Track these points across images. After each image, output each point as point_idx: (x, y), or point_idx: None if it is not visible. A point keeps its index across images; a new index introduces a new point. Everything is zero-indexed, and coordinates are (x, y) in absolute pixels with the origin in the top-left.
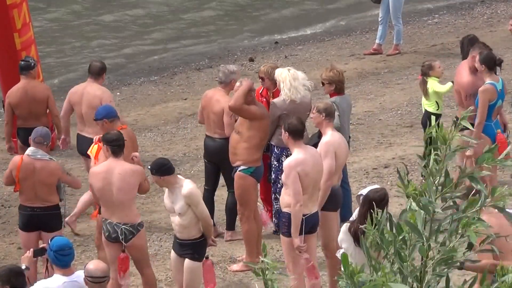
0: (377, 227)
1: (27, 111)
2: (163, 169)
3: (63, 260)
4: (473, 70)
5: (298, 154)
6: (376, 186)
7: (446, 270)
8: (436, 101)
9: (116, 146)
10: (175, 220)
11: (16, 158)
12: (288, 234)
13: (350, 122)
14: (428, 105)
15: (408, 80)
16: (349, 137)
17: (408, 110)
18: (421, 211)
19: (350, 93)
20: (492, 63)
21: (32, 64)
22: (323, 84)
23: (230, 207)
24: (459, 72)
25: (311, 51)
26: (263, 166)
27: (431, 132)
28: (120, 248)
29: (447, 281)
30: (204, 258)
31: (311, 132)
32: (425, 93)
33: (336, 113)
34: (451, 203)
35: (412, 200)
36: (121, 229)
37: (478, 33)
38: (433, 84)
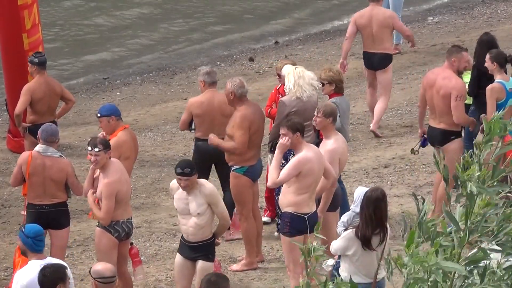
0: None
1: (47, 106)
2: (195, 167)
3: (40, 245)
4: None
5: (308, 152)
6: (363, 187)
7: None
8: None
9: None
10: (190, 221)
11: (25, 154)
12: (290, 234)
13: (350, 122)
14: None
15: (408, 80)
16: (349, 137)
17: (408, 110)
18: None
19: (350, 93)
20: (503, 61)
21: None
22: (322, 84)
23: (227, 206)
24: (445, 77)
25: (311, 51)
26: (260, 164)
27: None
28: (127, 244)
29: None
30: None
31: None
32: None
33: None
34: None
35: (471, 184)
36: (131, 222)
37: (478, 33)
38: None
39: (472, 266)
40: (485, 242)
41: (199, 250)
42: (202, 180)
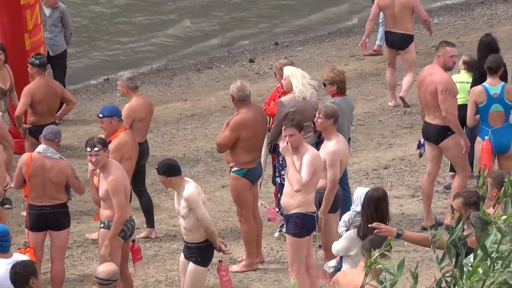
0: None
1: (47, 107)
2: (170, 170)
3: (5, 245)
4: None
5: (314, 149)
6: (362, 187)
7: None
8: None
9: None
10: (181, 222)
11: (25, 155)
12: (301, 235)
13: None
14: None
15: None
16: (349, 139)
17: (408, 111)
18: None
19: (350, 94)
20: (487, 67)
21: (46, 60)
22: (324, 85)
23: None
24: (432, 73)
25: (311, 52)
26: (260, 166)
27: None
28: (128, 243)
29: None
30: (218, 262)
31: None
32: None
33: None
34: None
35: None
36: (134, 220)
37: (478, 34)
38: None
39: None
40: None
41: (190, 251)
42: (187, 184)
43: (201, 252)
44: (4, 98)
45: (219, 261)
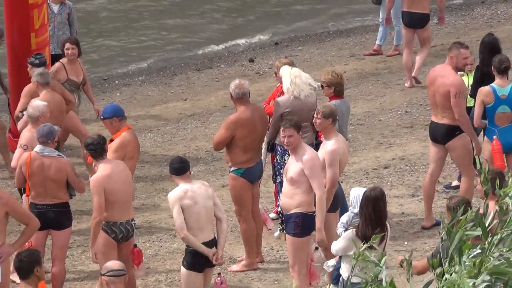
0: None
1: None
2: (170, 167)
3: None
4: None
5: (312, 149)
6: (357, 188)
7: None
8: None
9: (92, 150)
10: None
11: (25, 155)
12: (301, 235)
13: (350, 123)
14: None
15: None
16: (346, 140)
17: (408, 110)
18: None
19: (350, 94)
20: (501, 69)
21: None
22: (322, 87)
23: None
24: (444, 74)
25: (311, 52)
26: (259, 166)
27: None
28: (129, 246)
29: None
30: (217, 274)
31: None
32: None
33: None
34: None
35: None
36: (131, 224)
37: (478, 34)
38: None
39: (494, 278)
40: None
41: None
42: (180, 184)
43: (187, 254)
44: (77, 91)
45: (218, 273)
